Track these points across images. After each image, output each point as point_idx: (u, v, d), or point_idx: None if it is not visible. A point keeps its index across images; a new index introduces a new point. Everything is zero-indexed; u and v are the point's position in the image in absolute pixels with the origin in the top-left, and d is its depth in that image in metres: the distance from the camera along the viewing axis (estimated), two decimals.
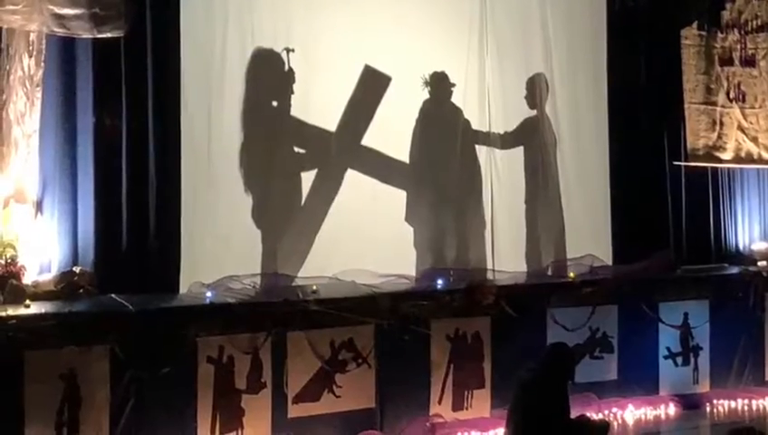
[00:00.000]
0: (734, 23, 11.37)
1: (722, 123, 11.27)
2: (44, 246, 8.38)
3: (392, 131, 9.97)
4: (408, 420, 8.70)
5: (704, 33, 11.24)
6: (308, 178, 9.68)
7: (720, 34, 11.31)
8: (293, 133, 9.66)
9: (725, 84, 11.32)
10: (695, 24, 11.20)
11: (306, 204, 9.67)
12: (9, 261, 8.04)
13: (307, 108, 9.61)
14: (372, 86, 9.86)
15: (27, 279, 8.13)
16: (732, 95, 11.33)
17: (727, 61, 11.33)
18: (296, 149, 9.74)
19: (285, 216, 9.57)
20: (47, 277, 8.31)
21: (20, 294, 7.89)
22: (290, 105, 9.57)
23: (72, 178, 8.62)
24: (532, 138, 10.43)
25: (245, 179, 9.38)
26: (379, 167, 9.92)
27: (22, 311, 7.60)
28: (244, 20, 9.40)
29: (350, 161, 9.85)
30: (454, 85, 10.13)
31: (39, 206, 8.39)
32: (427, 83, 10.04)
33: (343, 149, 9.82)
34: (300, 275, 9.20)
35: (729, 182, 11.51)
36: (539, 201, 10.38)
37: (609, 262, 10.46)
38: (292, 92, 9.53)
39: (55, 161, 8.55)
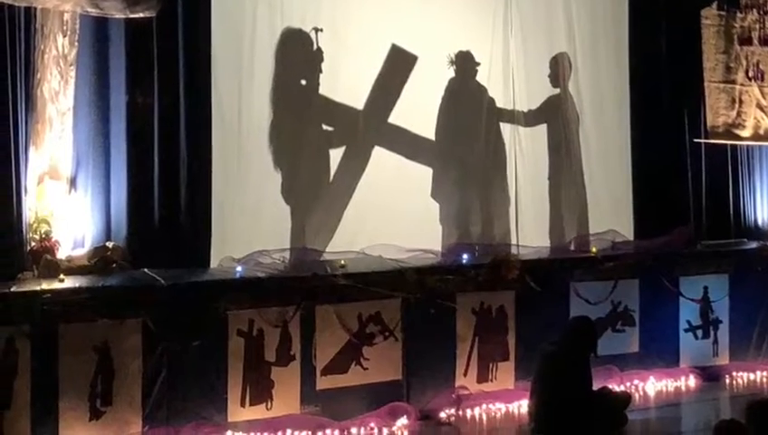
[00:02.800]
0: (753, 3, 11.09)
1: (741, 101, 11.00)
2: (78, 221, 8.23)
3: (418, 109, 9.78)
4: (433, 391, 8.57)
5: (723, 12, 10.96)
6: (336, 155, 9.51)
7: (739, 14, 11.02)
8: (322, 111, 9.48)
9: (744, 63, 11.04)
10: (714, 4, 10.92)
11: (334, 180, 9.50)
12: (44, 236, 7.93)
13: (335, 86, 9.43)
14: (399, 65, 9.66)
15: (61, 254, 8.01)
16: (750, 74, 11.06)
17: (746, 40, 11.06)
18: (324, 127, 9.55)
19: (314, 192, 9.40)
20: (81, 252, 8.16)
21: (54, 269, 7.77)
22: (318, 84, 9.37)
23: (106, 155, 8.43)
24: (556, 115, 10.22)
25: (275, 156, 9.20)
26: (406, 144, 9.74)
27: (56, 285, 7.50)
28: (274, 0, 9.19)
29: (377, 139, 9.67)
30: (479, 64, 9.93)
31: (73, 182, 8.23)
32: (452, 62, 9.84)
33: (371, 126, 9.63)
34: (328, 249, 9.06)
35: (748, 159, 11.20)
36: (562, 177, 10.18)
37: (631, 237, 10.26)
38: (321, 71, 9.34)
39: (89, 138, 8.36)
